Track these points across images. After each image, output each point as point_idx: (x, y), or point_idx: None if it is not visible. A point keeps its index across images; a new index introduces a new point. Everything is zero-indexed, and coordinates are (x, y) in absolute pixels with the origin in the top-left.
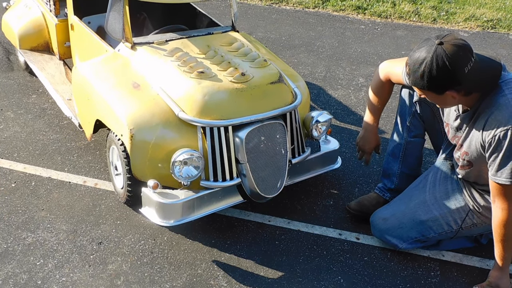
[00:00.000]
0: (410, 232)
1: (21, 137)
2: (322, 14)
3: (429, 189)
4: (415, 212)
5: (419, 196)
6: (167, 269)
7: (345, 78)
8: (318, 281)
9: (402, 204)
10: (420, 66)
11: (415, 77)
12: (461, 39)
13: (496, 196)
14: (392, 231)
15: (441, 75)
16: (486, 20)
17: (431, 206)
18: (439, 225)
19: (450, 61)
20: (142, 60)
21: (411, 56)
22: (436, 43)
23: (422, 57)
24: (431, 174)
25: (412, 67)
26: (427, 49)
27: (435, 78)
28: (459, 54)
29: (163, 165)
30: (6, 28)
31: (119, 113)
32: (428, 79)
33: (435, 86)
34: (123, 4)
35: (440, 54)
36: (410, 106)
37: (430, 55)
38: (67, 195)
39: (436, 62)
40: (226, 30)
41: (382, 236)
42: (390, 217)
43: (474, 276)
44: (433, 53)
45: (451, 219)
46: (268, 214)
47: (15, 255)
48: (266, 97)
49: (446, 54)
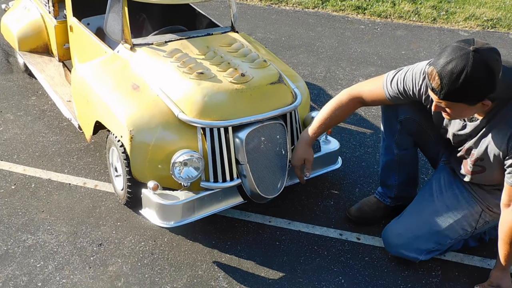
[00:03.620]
0: (427, 243)
1: (21, 139)
2: (321, 14)
3: (437, 197)
4: (430, 223)
5: (429, 207)
6: (167, 271)
7: (345, 78)
8: (319, 281)
9: (413, 217)
10: (460, 77)
11: (451, 90)
12: (487, 43)
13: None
14: (409, 245)
15: (484, 83)
16: (486, 19)
17: (444, 214)
18: (455, 231)
19: (492, 68)
20: (141, 62)
21: (443, 68)
22: (472, 50)
23: (460, 67)
24: (434, 182)
25: (448, 79)
26: (462, 58)
27: (477, 87)
28: (496, 59)
29: (163, 166)
30: (5, 30)
31: (119, 114)
32: (470, 89)
33: (475, 96)
34: (122, 5)
35: (480, 61)
36: (395, 125)
37: (470, 64)
38: (67, 196)
39: (479, 71)
40: (225, 31)
41: (398, 252)
42: (404, 232)
43: (475, 276)
44: (472, 61)
45: (466, 224)
46: (269, 215)
47: (15, 257)
48: (266, 98)
49: (485, 61)
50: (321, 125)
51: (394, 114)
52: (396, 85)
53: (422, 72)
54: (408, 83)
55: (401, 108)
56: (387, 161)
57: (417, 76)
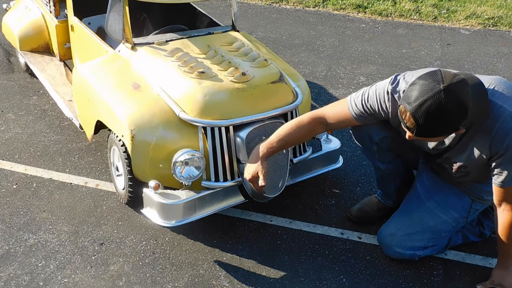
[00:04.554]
0: (421, 240)
1: (22, 138)
2: (322, 13)
3: (425, 196)
4: (422, 220)
5: (418, 206)
6: (169, 270)
7: (346, 77)
8: (320, 280)
9: (404, 217)
10: (434, 118)
11: (427, 129)
12: (455, 73)
13: (504, 200)
14: (403, 244)
15: (458, 117)
16: (487, 17)
17: (435, 210)
18: (448, 224)
19: (464, 102)
20: (142, 61)
21: (417, 111)
22: (442, 88)
23: (433, 108)
24: (418, 185)
25: (423, 120)
26: (434, 98)
27: (452, 123)
28: (467, 91)
29: (164, 165)
30: (6, 30)
31: (120, 114)
32: (445, 126)
33: (450, 129)
34: (123, 4)
35: (452, 99)
36: (371, 147)
37: (443, 103)
38: (68, 196)
39: (452, 109)
40: (226, 30)
41: (394, 252)
42: (396, 231)
43: (477, 275)
44: (445, 100)
45: (458, 215)
46: (270, 214)
47: (16, 257)
48: (267, 97)
49: (458, 97)
50: (279, 141)
51: (368, 137)
52: (362, 105)
53: (386, 92)
54: (373, 103)
55: (373, 130)
56: (378, 174)
57: (381, 97)
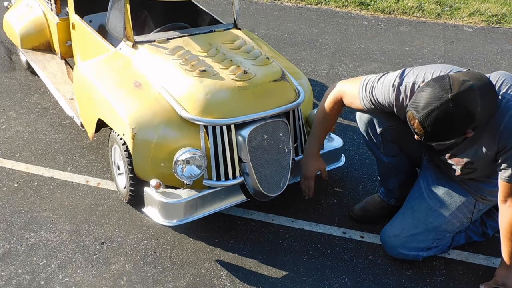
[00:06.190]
0: (425, 241)
1: (24, 137)
2: (324, 11)
3: (428, 195)
4: (426, 220)
5: (421, 205)
6: (170, 269)
7: (348, 75)
8: (323, 280)
9: (408, 217)
10: (442, 126)
11: (435, 136)
12: (463, 79)
13: (510, 195)
14: (407, 245)
15: (466, 124)
16: (490, 15)
17: (438, 210)
18: (452, 224)
19: (472, 110)
20: (143, 59)
21: (425, 119)
22: (450, 98)
23: (441, 117)
24: (422, 181)
25: (432, 129)
26: (442, 107)
27: (460, 129)
28: (475, 99)
29: (165, 164)
30: (8, 28)
31: (121, 112)
32: (454, 132)
33: (458, 134)
34: (124, 2)
35: (460, 107)
36: (376, 137)
37: (451, 112)
38: (69, 195)
39: (460, 117)
40: (228, 28)
41: (398, 253)
42: (400, 232)
43: (480, 275)
44: (452, 109)
45: (462, 216)
46: (272, 213)
47: (18, 256)
48: (269, 95)
49: (466, 106)
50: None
51: (373, 128)
52: (370, 94)
53: (392, 84)
54: (379, 96)
55: (378, 120)
56: (381, 169)
57: (386, 90)
